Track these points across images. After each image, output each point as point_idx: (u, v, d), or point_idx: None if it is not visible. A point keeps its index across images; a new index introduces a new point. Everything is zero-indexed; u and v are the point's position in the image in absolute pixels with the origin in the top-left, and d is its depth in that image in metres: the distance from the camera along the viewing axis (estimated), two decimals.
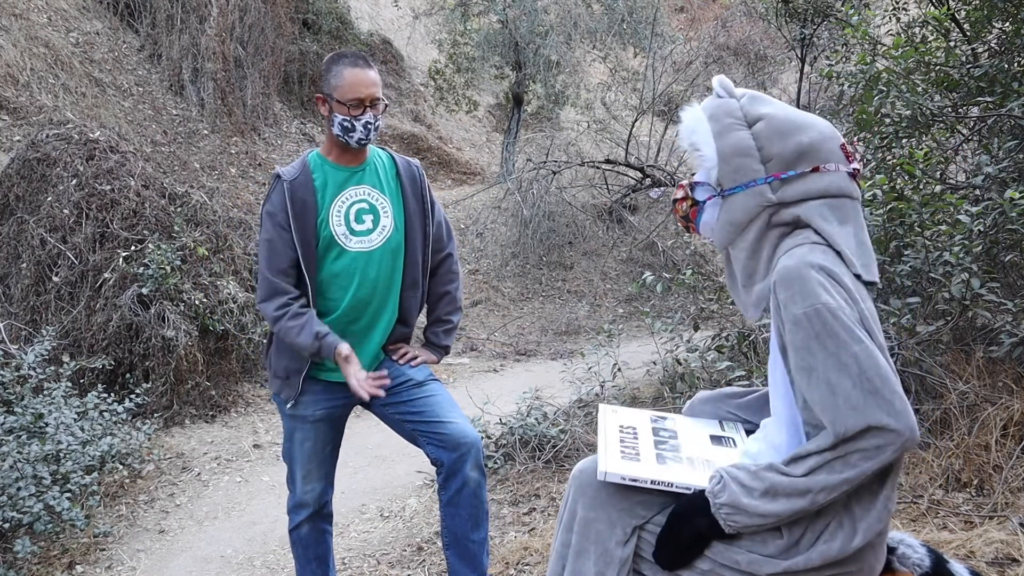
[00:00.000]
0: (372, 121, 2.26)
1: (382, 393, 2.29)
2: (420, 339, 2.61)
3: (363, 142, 2.29)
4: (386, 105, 2.37)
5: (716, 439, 1.74)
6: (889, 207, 3.17)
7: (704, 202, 1.65)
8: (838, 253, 1.50)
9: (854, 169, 1.58)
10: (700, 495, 1.51)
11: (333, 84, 2.26)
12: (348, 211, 2.33)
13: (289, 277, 2.30)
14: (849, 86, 3.96)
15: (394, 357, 2.44)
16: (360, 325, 2.37)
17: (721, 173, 1.60)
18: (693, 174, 1.71)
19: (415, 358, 2.46)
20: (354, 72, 2.26)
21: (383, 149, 2.48)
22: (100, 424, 4.02)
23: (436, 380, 2.45)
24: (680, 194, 1.70)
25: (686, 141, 1.65)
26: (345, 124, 2.26)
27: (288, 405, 2.36)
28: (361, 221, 2.34)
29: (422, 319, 2.58)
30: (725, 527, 1.46)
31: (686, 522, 1.51)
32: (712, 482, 1.49)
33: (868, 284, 1.53)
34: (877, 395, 1.36)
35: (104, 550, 3.61)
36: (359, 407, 2.49)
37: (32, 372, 4.00)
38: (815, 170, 1.55)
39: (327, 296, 2.35)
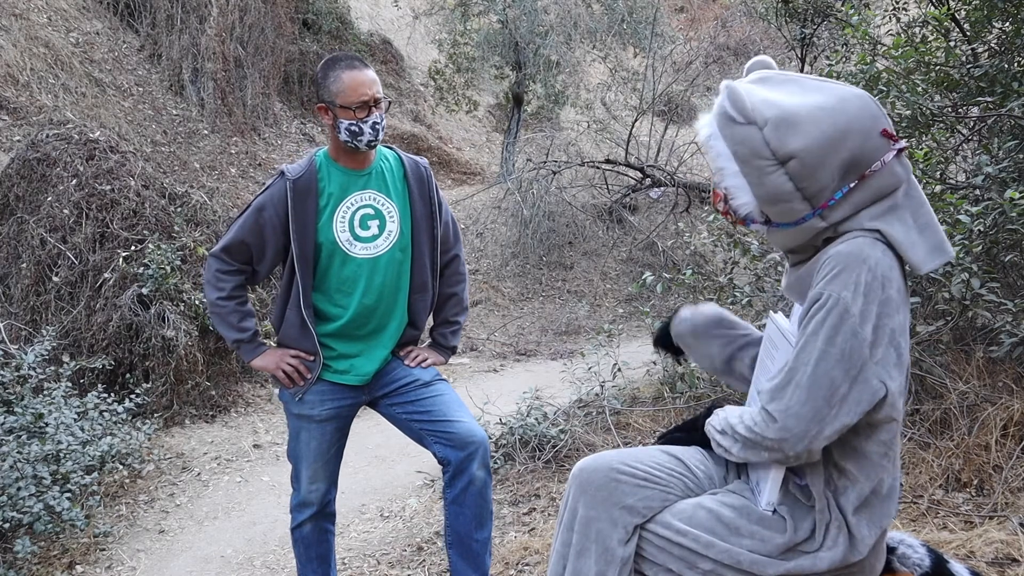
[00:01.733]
0: (379, 121, 2.24)
1: (302, 368, 2.33)
2: (424, 339, 2.61)
3: (373, 144, 2.27)
4: (389, 102, 2.35)
5: None
6: None
7: (751, 223, 1.57)
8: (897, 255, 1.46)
9: (899, 149, 1.47)
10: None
11: (334, 91, 2.22)
12: (353, 217, 2.31)
13: (237, 262, 2.34)
14: None
15: (404, 360, 2.44)
16: (367, 330, 2.36)
17: (765, 211, 1.51)
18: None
19: (424, 359, 2.45)
20: (352, 75, 2.22)
21: (391, 149, 2.45)
22: (100, 424, 4.02)
23: (443, 380, 2.45)
24: (721, 206, 1.59)
25: (715, 174, 1.54)
26: (353, 129, 2.22)
27: (296, 399, 2.36)
28: (366, 227, 2.32)
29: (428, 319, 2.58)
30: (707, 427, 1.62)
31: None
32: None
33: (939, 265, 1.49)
34: (799, 390, 1.39)
35: (104, 550, 3.61)
36: (365, 407, 2.49)
37: (32, 372, 3.99)
38: (861, 178, 1.45)
39: (332, 303, 2.34)
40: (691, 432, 1.84)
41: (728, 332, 1.83)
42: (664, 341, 1.96)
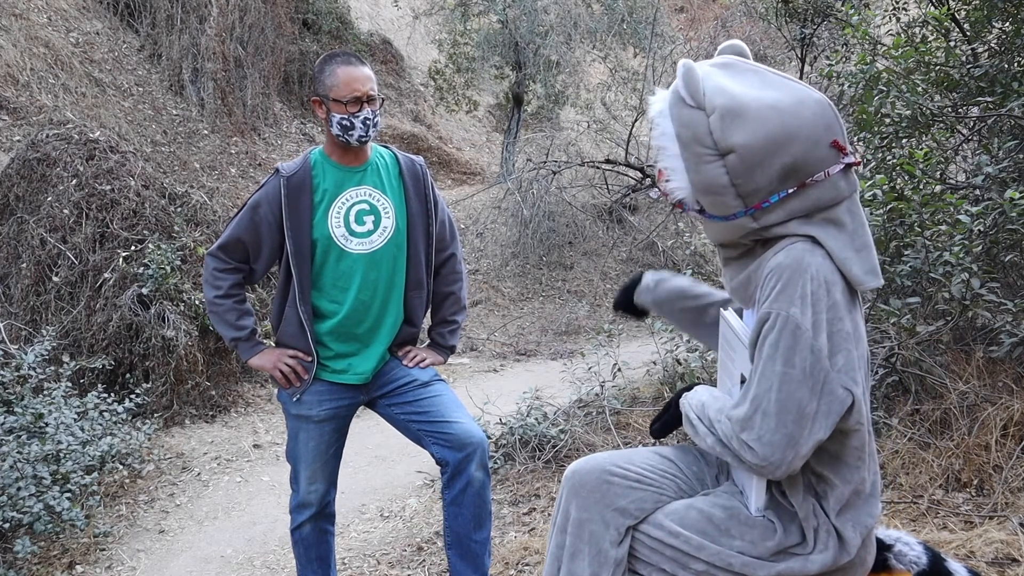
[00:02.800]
0: (371, 117, 2.25)
1: (299, 368, 2.33)
2: (423, 339, 2.61)
3: (364, 139, 2.28)
4: (383, 100, 2.36)
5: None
6: (889, 207, 3.17)
7: (687, 207, 1.53)
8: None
9: (847, 164, 1.42)
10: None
11: (328, 84, 2.25)
12: (348, 212, 2.32)
13: (234, 261, 2.36)
14: (849, 86, 3.95)
15: (402, 360, 2.44)
16: (364, 327, 2.37)
17: (699, 199, 1.48)
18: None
19: (423, 360, 2.45)
20: (347, 70, 2.24)
21: (387, 148, 2.46)
22: (100, 424, 4.02)
23: (441, 380, 2.45)
24: (663, 185, 1.54)
25: (657, 152, 1.50)
26: (344, 123, 2.24)
27: (294, 399, 2.36)
28: (361, 223, 2.33)
29: (426, 318, 2.58)
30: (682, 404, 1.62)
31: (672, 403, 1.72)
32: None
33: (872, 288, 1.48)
34: (765, 417, 1.37)
35: (104, 550, 3.61)
36: (363, 408, 2.49)
37: (32, 372, 3.99)
38: (801, 186, 1.41)
39: (329, 299, 2.34)
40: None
41: (690, 303, 1.83)
42: (625, 305, 1.95)
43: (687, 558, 1.54)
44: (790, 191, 1.41)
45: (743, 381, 1.49)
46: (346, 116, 2.23)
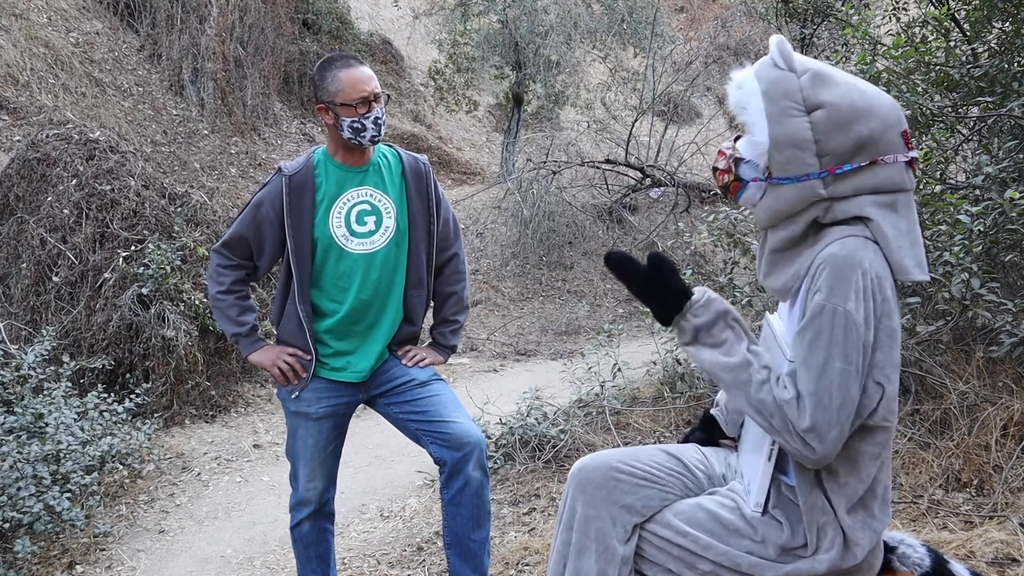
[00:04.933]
0: (380, 116, 2.26)
1: (298, 366, 2.33)
2: (424, 339, 2.61)
3: (376, 139, 2.29)
4: (388, 96, 2.36)
5: None
6: None
7: (748, 181, 1.54)
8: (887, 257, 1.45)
9: (912, 158, 1.48)
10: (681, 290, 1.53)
11: (333, 90, 2.25)
12: (349, 212, 2.32)
13: (237, 257, 2.38)
14: None
15: (401, 360, 2.44)
16: (363, 326, 2.37)
17: (772, 160, 1.48)
18: (738, 137, 1.57)
19: (423, 359, 2.46)
20: (350, 73, 2.25)
21: (390, 146, 2.47)
22: (100, 424, 4.02)
23: (440, 380, 2.45)
24: (722, 164, 1.57)
25: (736, 110, 1.52)
26: (356, 126, 2.24)
27: (292, 396, 2.36)
28: (363, 223, 2.33)
29: (428, 317, 2.58)
30: (679, 318, 1.52)
31: (668, 277, 1.54)
32: (701, 292, 1.54)
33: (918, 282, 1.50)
34: (825, 412, 1.37)
35: (104, 550, 3.61)
36: (362, 406, 2.49)
37: (32, 372, 3.99)
38: (872, 163, 1.45)
39: (329, 298, 2.35)
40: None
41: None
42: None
43: (694, 558, 1.54)
44: (863, 164, 1.45)
45: None
46: (357, 119, 2.23)
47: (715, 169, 1.59)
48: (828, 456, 1.39)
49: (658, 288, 1.54)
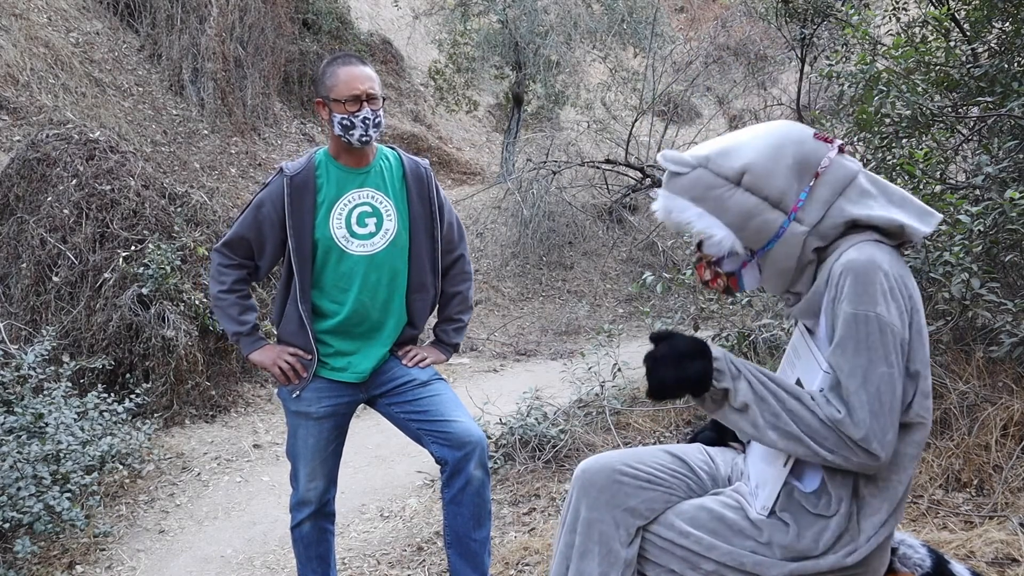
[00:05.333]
0: (371, 117, 2.25)
1: (298, 366, 2.33)
2: (425, 337, 2.61)
3: (364, 139, 2.28)
4: (385, 99, 2.36)
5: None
6: None
7: (739, 271, 1.59)
8: (897, 245, 1.48)
9: (839, 146, 1.53)
10: (704, 347, 1.51)
11: (329, 85, 2.26)
12: (350, 214, 2.32)
13: (238, 257, 2.39)
14: (849, 86, 3.95)
15: (402, 360, 2.44)
16: (364, 327, 2.37)
17: (744, 239, 1.52)
18: (700, 245, 1.59)
19: (424, 359, 2.46)
20: (347, 70, 2.26)
21: (392, 149, 2.47)
22: (100, 424, 4.02)
23: (441, 379, 2.45)
24: (707, 275, 1.62)
25: (681, 229, 1.57)
26: (344, 123, 2.25)
27: (293, 396, 2.37)
28: (363, 224, 2.33)
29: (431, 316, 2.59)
30: (711, 382, 1.47)
31: (683, 357, 1.49)
32: (722, 353, 1.51)
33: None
34: (879, 418, 1.38)
35: (104, 550, 3.61)
36: (363, 406, 2.50)
37: (32, 372, 3.99)
38: (816, 176, 1.50)
39: (329, 299, 2.35)
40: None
41: None
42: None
43: (698, 558, 1.53)
44: (811, 184, 1.50)
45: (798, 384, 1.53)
46: (346, 116, 2.24)
47: (705, 283, 1.65)
48: (889, 459, 1.41)
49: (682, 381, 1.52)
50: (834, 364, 1.43)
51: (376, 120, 2.27)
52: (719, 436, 1.85)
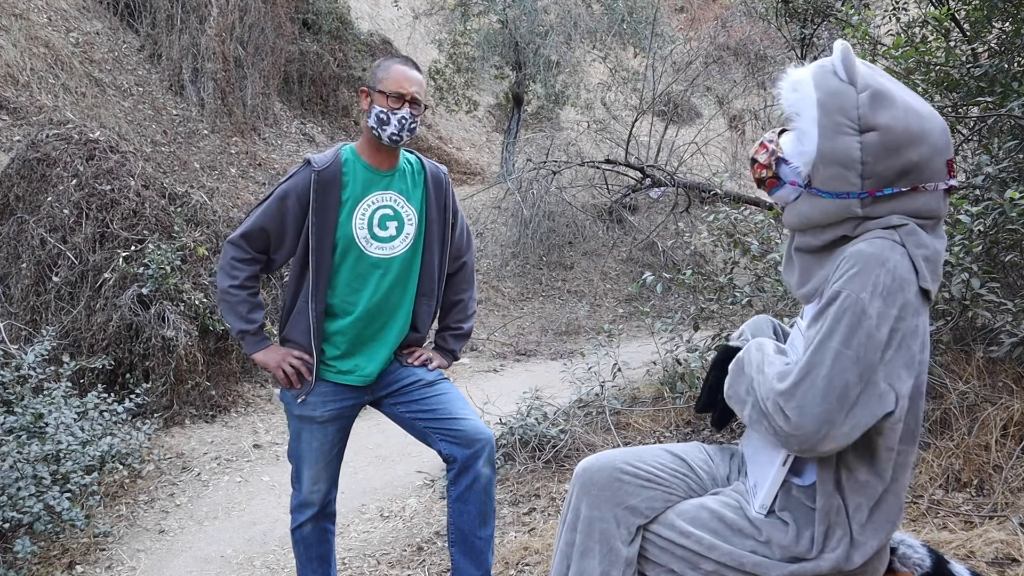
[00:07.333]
0: (408, 118, 2.26)
1: (303, 369, 2.31)
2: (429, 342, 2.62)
3: (395, 138, 2.28)
4: (425, 107, 2.37)
5: None
6: None
7: (786, 183, 1.53)
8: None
9: (951, 186, 1.47)
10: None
11: (379, 77, 2.29)
12: (372, 215, 2.32)
13: (253, 251, 2.34)
14: None
15: (407, 359, 2.45)
16: (372, 329, 2.37)
17: (815, 171, 1.47)
18: (783, 130, 1.55)
19: (429, 360, 2.47)
20: (401, 68, 2.29)
21: (412, 153, 2.48)
22: (100, 424, 4.02)
23: (446, 379, 2.47)
24: (762, 157, 1.56)
25: (787, 112, 1.50)
26: (381, 116, 2.26)
27: (298, 400, 2.36)
28: (384, 227, 2.33)
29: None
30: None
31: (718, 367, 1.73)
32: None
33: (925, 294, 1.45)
34: (804, 384, 1.37)
35: (104, 550, 3.61)
36: (368, 407, 2.50)
37: (32, 372, 3.99)
38: (914, 189, 1.44)
39: (341, 299, 2.34)
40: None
41: None
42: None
43: (698, 558, 1.53)
44: (904, 189, 1.44)
45: None
46: (385, 110, 2.25)
47: (753, 160, 1.58)
48: (811, 434, 1.35)
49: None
50: (806, 336, 1.44)
51: (412, 124, 2.28)
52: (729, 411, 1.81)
